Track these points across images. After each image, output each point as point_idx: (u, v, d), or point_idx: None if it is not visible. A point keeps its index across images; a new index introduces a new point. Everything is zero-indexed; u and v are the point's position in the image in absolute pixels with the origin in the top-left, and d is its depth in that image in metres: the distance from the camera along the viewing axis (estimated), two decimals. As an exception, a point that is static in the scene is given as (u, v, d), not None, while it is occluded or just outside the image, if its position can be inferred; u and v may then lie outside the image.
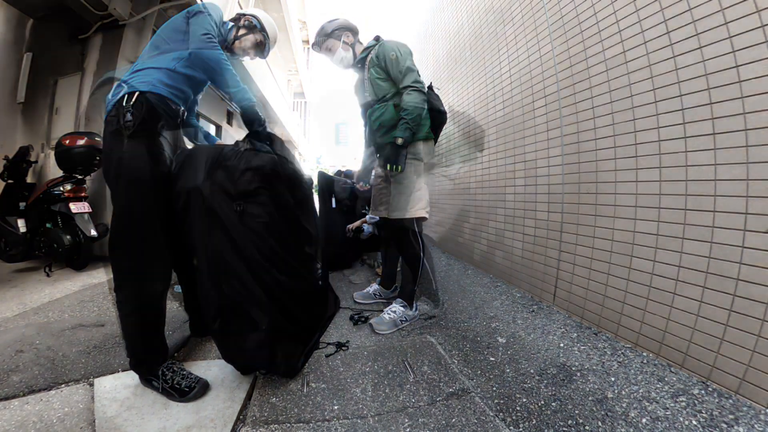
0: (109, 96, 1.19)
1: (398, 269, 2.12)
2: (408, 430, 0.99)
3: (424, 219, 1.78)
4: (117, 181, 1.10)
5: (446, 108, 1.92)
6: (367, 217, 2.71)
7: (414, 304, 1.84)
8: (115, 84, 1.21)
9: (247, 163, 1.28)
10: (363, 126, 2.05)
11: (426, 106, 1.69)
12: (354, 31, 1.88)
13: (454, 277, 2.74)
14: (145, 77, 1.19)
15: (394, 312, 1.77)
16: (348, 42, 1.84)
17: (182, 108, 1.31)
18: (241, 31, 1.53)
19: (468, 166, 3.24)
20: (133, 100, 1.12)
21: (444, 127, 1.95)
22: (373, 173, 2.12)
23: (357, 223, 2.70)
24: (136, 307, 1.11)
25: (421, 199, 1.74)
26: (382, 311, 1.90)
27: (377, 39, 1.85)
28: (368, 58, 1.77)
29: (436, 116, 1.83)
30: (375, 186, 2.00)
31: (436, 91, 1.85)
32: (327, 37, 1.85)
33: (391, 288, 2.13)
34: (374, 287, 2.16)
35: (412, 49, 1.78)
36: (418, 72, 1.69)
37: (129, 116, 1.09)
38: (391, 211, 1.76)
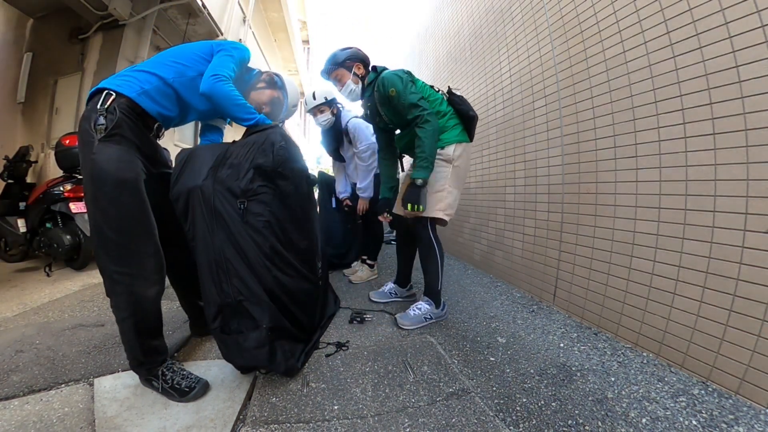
0: (90, 92, 1.14)
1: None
2: (408, 430, 0.99)
3: (441, 222, 1.72)
4: (91, 183, 1.05)
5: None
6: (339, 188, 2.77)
7: (441, 302, 1.81)
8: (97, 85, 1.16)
9: (249, 161, 1.28)
10: (377, 149, 2.16)
11: (437, 134, 1.63)
12: (366, 63, 1.84)
13: (454, 277, 2.74)
14: (132, 82, 1.15)
15: (419, 309, 1.75)
16: (358, 74, 1.81)
17: (159, 124, 1.25)
18: (260, 84, 1.52)
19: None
20: (108, 103, 1.07)
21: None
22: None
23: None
24: (132, 312, 1.08)
25: (441, 200, 1.68)
26: (385, 311, 1.91)
27: (375, 70, 1.83)
28: (374, 94, 1.76)
29: (465, 120, 1.78)
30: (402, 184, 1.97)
31: (457, 92, 1.79)
32: (338, 66, 1.81)
33: (407, 286, 2.10)
34: (390, 286, 2.12)
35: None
36: (421, 98, 1.64)
37: (102, 120, 1.05)
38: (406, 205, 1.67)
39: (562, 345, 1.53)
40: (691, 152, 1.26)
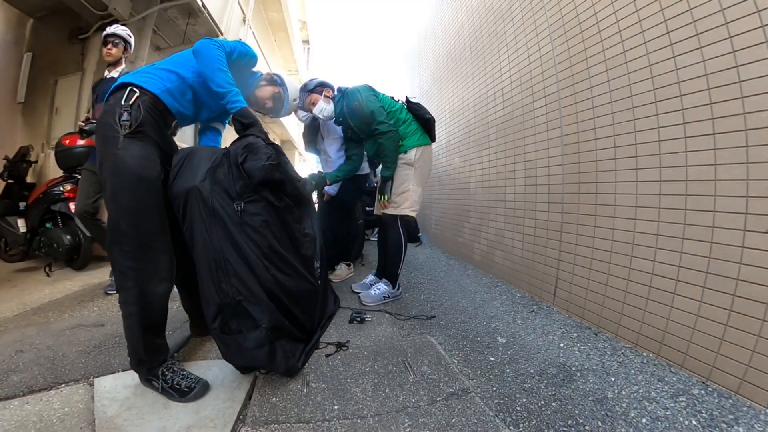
0: (120, 78, 1.18)
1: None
2: (408, 430, 0.99)
3: (410, 217, 2.07)
4: (112, 178, 1.07)
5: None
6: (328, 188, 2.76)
7: (397, 284, 2.13)
8: (118, 80, 1.19)
9: (247, 163, 1.28)
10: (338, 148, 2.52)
11: (396, 143, 1.95)
12: (332, 87, 2.18)
13: (454, 277, 2.74)
14: (155, 79, 1.19)
15: (379, 289, 2.06)
16: (328, 96, 2.13)
17: (176, 121, 1.30)
18: (262, 83, 1.64)
19: (468, 166, 3.24)
20: (133, 99, 1.11)
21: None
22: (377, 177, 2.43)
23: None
24: (139, 307, 1.09)
25: (407, 198, 2.01)
26: (385, 311, 1.91)
27: (340, 91, 2.12)
28: (344, 110, 2.04)
29: (424, 123, 2.07)
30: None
31: (414, 100, 2.13)
32: (310, 93, 2.11)
33: (396, 286, 2.14)
34: (370, 278, 2.28)
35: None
36: (381, 106, 1.96)
37: (126, 116, 1.08)
38: (387, 206, 2.06)
39: (562, 345, 1.53)
40: (691, 152, 1.26)
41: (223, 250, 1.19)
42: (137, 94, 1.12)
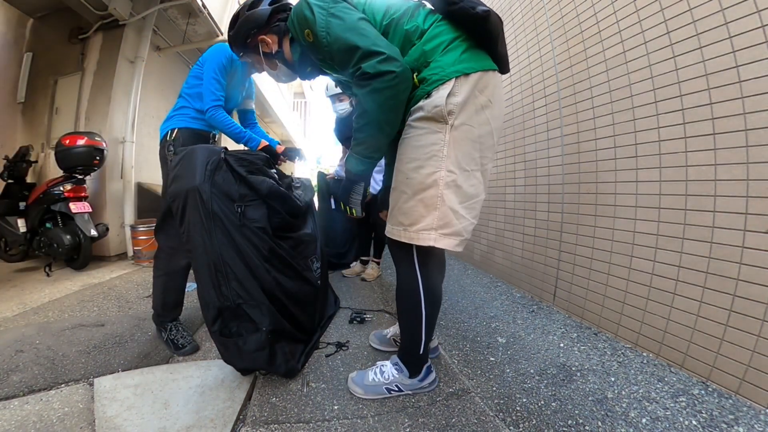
0: (161, 126, 1.63)
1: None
2: (408, 430, 0.99)
3: (438, 249, 1.00)
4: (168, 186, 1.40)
5: None
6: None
7: (422, 370, 1.13)
8: (167, 115, 1.64)
9: (249, 164, 1.28)
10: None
11: (398, 93, 0.87)
12: (267, 27, 1.11)
13: (454, 277, 2.74)
14: (182, 116, 1.62)
15: (383, 374, 1.13)
16: (268, 50, 1.11)
17: (212, 132, 1.71)
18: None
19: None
20: (173, 136, 1.58)
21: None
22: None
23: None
24: (164, 273, 1.45)
25: (431, 206, 0.91)
26: (385, 311, 1.91)
27: (287, 11, 1.10)
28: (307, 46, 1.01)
29: (473, 28, 0.90)
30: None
31: None
32: (243, 51, 1.19)
33: (422, 372, 1.21)
34: (393, 330, 1.45)
35: None
36: (361, 20, 0.91)
37: (171, 148, 1.55)
38: (388, 216, 1.03)
39: (562, 345, 1.53)
40: (691, 152, 1.26)
41: (223, 254, 1.18)
42: (176, 131, 1.59)
